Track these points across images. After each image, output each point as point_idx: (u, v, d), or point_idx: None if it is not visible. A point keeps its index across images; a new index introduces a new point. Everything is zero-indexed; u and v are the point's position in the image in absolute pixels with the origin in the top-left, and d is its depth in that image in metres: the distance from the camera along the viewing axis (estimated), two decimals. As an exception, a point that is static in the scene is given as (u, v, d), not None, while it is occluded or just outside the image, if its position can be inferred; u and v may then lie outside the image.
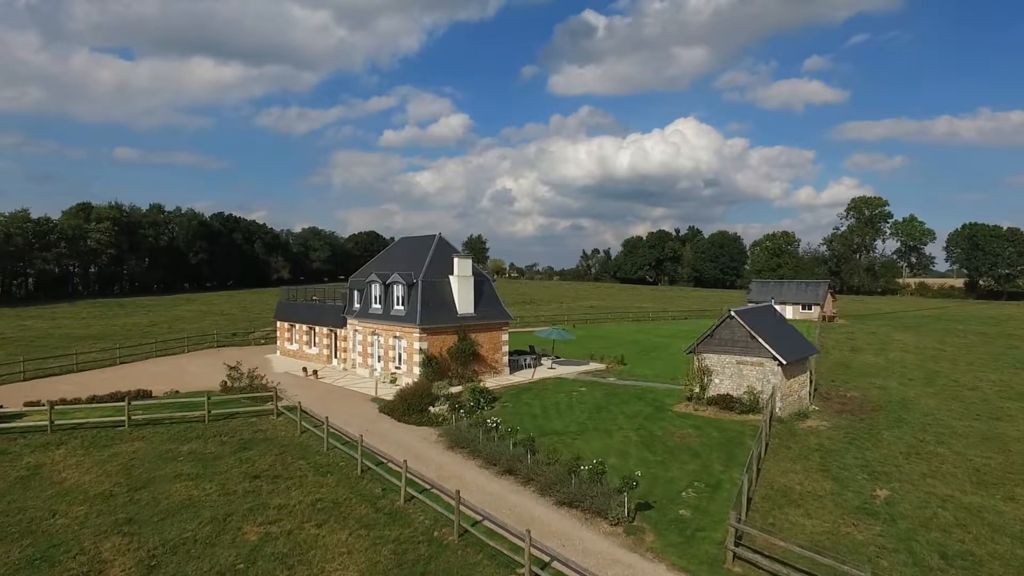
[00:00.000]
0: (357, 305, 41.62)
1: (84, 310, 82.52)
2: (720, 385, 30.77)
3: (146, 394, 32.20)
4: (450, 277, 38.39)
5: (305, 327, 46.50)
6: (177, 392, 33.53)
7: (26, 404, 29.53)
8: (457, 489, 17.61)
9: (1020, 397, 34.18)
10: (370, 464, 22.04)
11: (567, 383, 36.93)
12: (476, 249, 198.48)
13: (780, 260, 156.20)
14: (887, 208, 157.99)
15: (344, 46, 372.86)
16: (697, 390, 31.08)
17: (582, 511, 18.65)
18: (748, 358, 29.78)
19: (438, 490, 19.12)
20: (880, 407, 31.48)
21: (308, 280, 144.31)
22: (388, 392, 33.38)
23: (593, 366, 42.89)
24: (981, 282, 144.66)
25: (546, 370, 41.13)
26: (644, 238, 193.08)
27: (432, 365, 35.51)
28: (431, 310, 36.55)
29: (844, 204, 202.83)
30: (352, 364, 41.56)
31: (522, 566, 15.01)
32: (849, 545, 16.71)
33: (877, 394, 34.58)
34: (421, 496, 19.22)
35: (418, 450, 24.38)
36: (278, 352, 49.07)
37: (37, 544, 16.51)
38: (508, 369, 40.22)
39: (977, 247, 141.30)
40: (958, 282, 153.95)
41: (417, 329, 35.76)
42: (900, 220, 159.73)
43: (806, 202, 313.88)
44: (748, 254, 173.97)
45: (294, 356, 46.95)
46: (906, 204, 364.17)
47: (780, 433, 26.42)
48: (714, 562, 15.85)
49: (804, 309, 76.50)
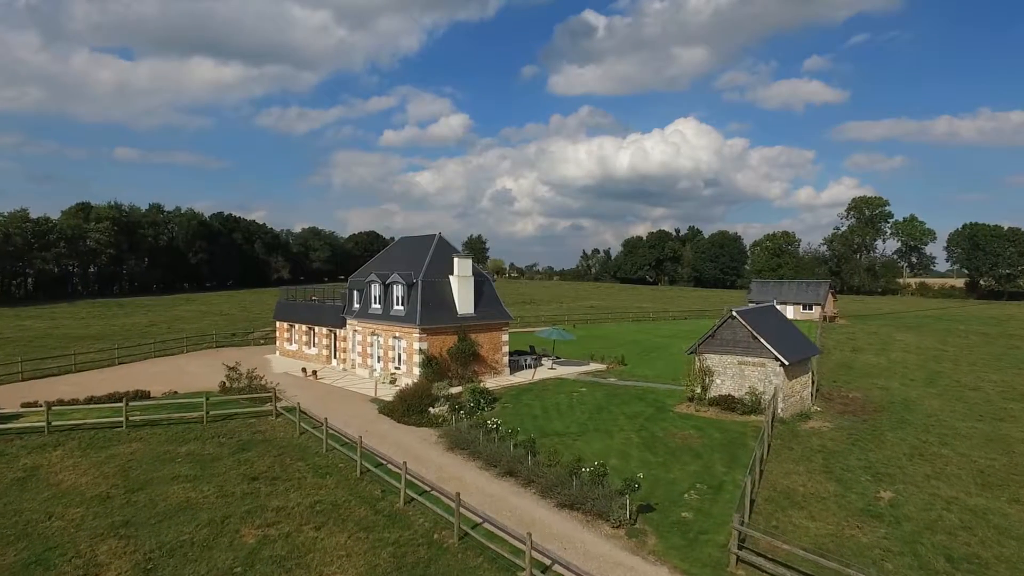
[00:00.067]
0: (356, 305, 41.44)
1: (83, 310, 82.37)
2: (722, 386, 30.60)
3: (144, 395, 32.06)
4: (450, 277, 38.21)
5: (304, 327, 46.33)
6: (176, 393, 33.37)
7: (23, 405, 29.35)
8: (457, 491, 17.43)
9: (1023, 398, 34.02)
10: (369, 466, 21.86)
11: (568, 384, 36.75)
12: (476, 249, 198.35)
13: (780, 260, 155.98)
14: (887, 208, 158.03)
15: (344, 46, 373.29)
16: (698, 391, 30.92)
17: (583, 513, 18.47)
18: (750, 358, 29.61)
19: (438, 492, 18.93)
20: (882, 408, 31.31)
21: (308, 280, 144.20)
22: (388, 393, 33.20)
23: (593, 366, 42.72)
24: (982, 282, 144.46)
25: (546, 370, 40.96)
26: (644, 238, 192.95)
27: (432, 366, 35.33)
28: (431, 310, 36.37)
29: (844, 204, 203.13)
30: (351, 364, 41.38)
31: (523, 569, 14.84)
32: (854, 548, 16.53)
33: (879, 395, 34.40)
34: (421, 498, 19.04)
35: (418, 451, 24.20)
36: (277, 352, 48.90)
37: (33, 547, 16.32)
38: (508, 369, 40.04)
39: (978, 247, 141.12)
40: (959, 282, 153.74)
41: (417, 329, 35.59)
42: (900, 220, 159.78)
43: (806, 202, 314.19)
44: (748, 254, 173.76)
45: (293, 356, 46.77)
46: (906, 204, 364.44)
47: (782, 434, 26.25)
48: (717, 565, 15.67)
49: (805, 309, 76.33)
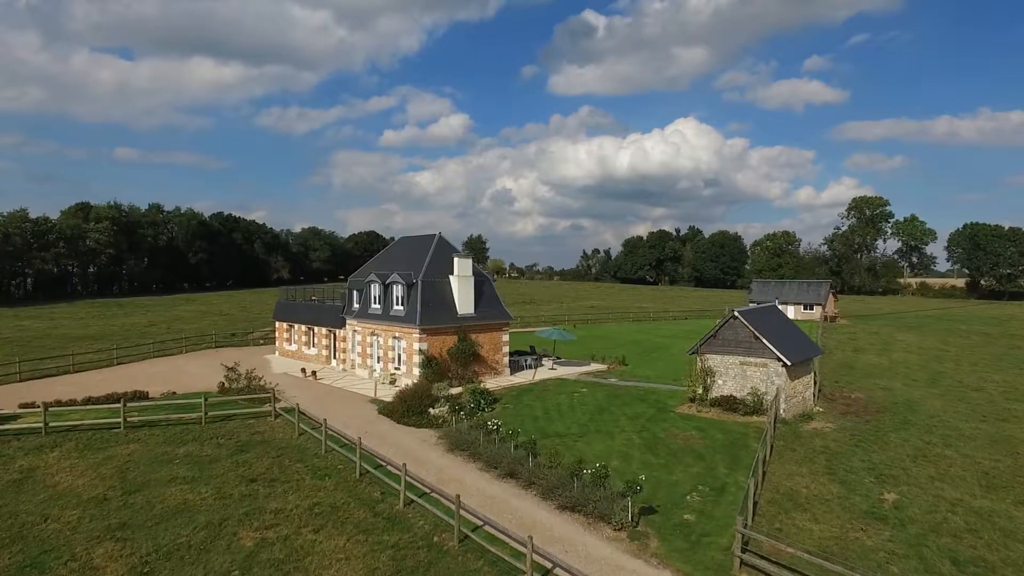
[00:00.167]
0: (356, 305, 41.26)
1: (83, 310, 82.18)
2: (723, 386, 30.42)
3: (143, 395, 31.89)
4: (450, 277, 38.02)
5: (304, 327, 46.15)
6: (174, 393, 33.20)
7: (21, 406, 29.16)
8: (457, 493, 17.26)
9: (1026, 398, 33.84)
10: (369, 467, 21.68)
11: (568, 384, 36.56)
12: (476, 249, 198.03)
13: (781, 260, 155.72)
14: (888, 208, 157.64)
15: (344, 46, 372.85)
16: (700, 391, 30.74)
17: (585, 516, 18.28)
18: (752, 359, 29.43)
19: (438, 494, 18.74)
20: (885, 408, 31.12)
21: (308, 280, 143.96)
22: (387, 393, 33.02)
23: (594, 367, 42.54)
24: (983, 282, 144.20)
25: (547, 371, 40.78)
26: (644, 238, 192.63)
27: (432, 366, 35.14)
28: (431, 310, 36.19)
29: (844, 204, 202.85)
30: (351, 365, 41.20)
31: (524, 573, 14.66)
32: (858, 551, 16.35)
33: (881, 395, 34.22)
34: (421, 500, 18.86)
35: (418, 453, 24.02)
36: (277, 353, 48.71)
37: (28, 550, 16.14)
38: (509, 370, 39.86)
39: (978, 247, 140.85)
40: (959, 282, 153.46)
41: (417, 329, 35.40)
42: (901, 220, 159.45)
43: (806, 202, 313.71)
44: (749, 254, 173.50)
45: (293, 357, 46.59)
46: (906, 204, 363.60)
47: (784, 435, 26.06)
48: (720, 568, 15.49)
49: (806, 309, 76.12)
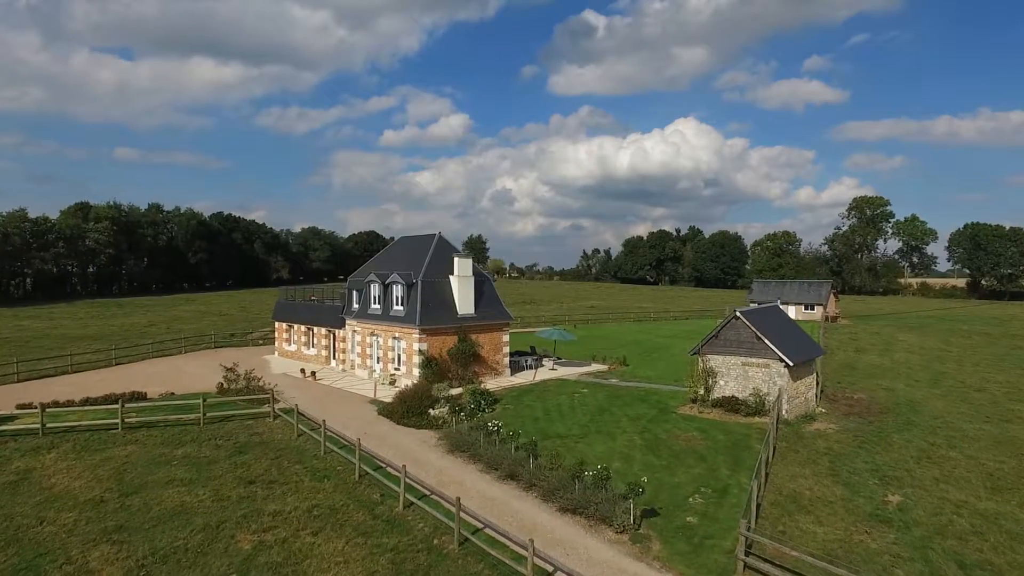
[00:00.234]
0: (356, 305, 41.08)
1: (82, 310, 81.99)
2: (725, 387, 30.24)
3: (141, 396, 31.70)
4: (450, 277, 37.83)
5: (303, 328, 45.97)
6: (173, 394, 33.02)
7: (18, 406, 29.00)
8: (457, 496, 17.08)
9: (1029, 399, 33.65)
10: (368, 469, 21.48)
11: (569, 384, 36.38)
12: (476, 249, 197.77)
13: (781, 260, 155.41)
14: (889, 208, 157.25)
15: (344, 46, 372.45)
16: (702, 392, 30.55)
17: (586, 518, 18.10)
18: (754, 359, 29.24)
19: (438, 496, 18.58)
20: (888, 409, 30.93)
21: (308, 280, 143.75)
22: (387, 394, 32.83)
23: (595, 367, 42.35)
24: (983, 282, 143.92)
25: (547, 371, 40.59)
26: (644, 238, 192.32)
27: (432, 366, 34.96)
28: (431, 310, 36.00)
29: (844, 204, 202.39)
30: (351, 365, 41.01)
31: (525, 577, 14.48)
32: (863, 554, 16.16)
33: (884, 396, 34.03)
34: (420, 502, 18.69)
35: (417, 454, 23.84)
36: (276, 353, 48.52)
37: (23, 553, 15.95)
38: (509, 370, 39.67)
39: (979, 247, 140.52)
40: (960, 282, 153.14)
41: (416, 330, 35.22)
42: (902, 220, 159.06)
43: (806, 202, 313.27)
44: (749, 254, 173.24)
45: (292, 357, 46.41)
46: (906, 204, 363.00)
47: (787, 436, 25.87)
48: (724, 572, 15.31)
49: (807, 309, 75.84)
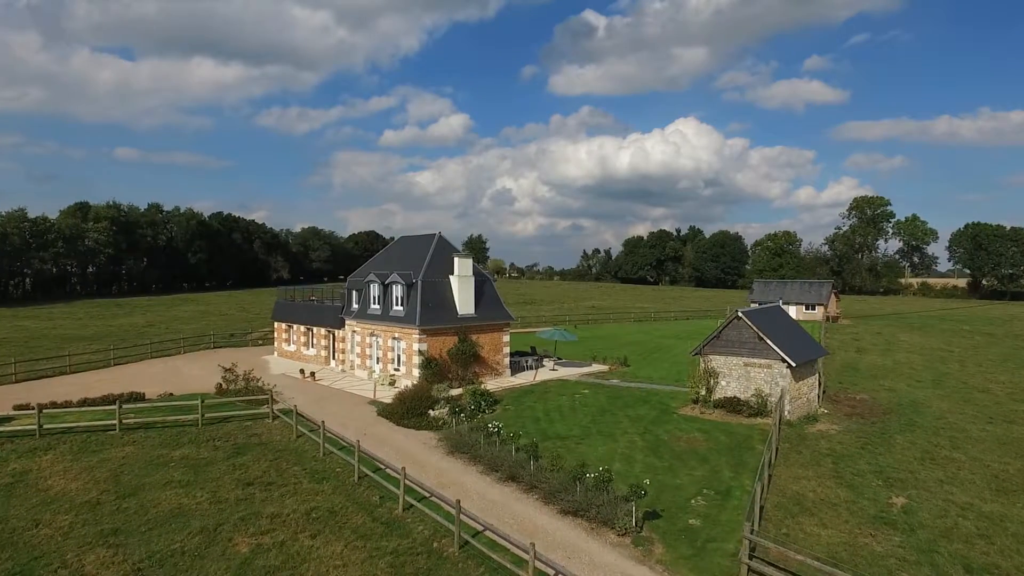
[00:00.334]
0: (355, 306, 40.88)
1: (81, 310, 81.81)
2: (727, 388, 30.04)
3: (139, 396, 31.50)
4: (450, 277, 37.64)
5: (303, 328, 45.77)
6: (171, 395, 32.83)
7: (16, 407, 28.89)
8: (458, 498, 16.90)
9: (1033, 399, 33.45)
10: (367, 470, 21.28)
11: (570, 385, 36.18)
12: (476, 249, 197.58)
13: (782, 260, 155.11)
14: (889, 208, 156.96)
15: (344, 46, 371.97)
16: (703, 393, 30.36)
17: (588, 521, 17.90)
18: (756, 360, 29.05)
19: (438, 498, 18.39)
20: (890, 410, 30.73)
21: (308, 280, 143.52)
22: (387, 395, 32.64)
23: (596, 367, 42.16)
24: (984, 282, 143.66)
25: (548, 372, 40.39)
26: (645, 238, 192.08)
27: (432, 367, 34.76)
28: (431, 311, 35.80)
29: (844, 204, 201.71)
30: (350, 366, 40.81)
31: (526, 581, 14.29)
32: (868, 557, 15.96)
33: (886, 396, 33.83)
34: (420, 504, 18.48)
35: (417, 455, 23.65)
36: (275, 353, 48.32)
37: (17, 557, 15.76)
38: (509, 371, 39.48)
39: (980, 247, 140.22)
40: (960, 282, 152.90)
41: (416, 330, 35.02)
42: (902, 220, 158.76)
43: (806, 202, 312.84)
44: (749, 254, 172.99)
45: (291, 357, 46.21)
46: (906, 204, 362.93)
47: (789, 437, 25.68)
48: (727, 576, 15.13)
49: (808, 309, 75.63)
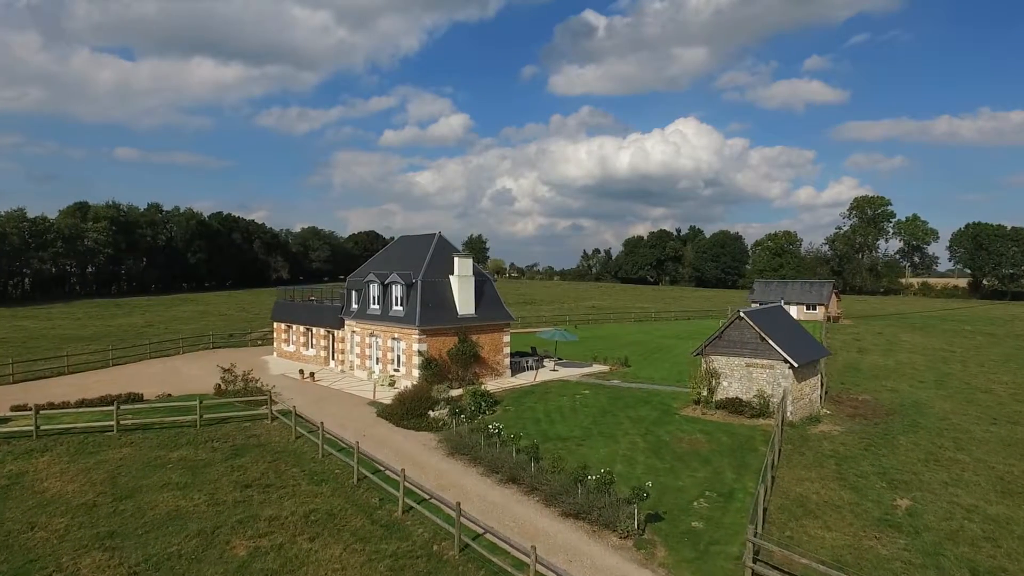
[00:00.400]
0: (355, 306, 40.68)
1: (80, 310, 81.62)
2: (729, 388, 29.84)
3: (137, 397, 31.27)
4: (450, 277, 37.44)
5: (302, 328, 45.57)
6: (170, 395, 32.63)
7: (13, 408, 28.72)
8: (458, 501, 16.69)
9: (1036, 400, 33.25)
10: (367, 472, 21.09)
11: (570, 386, 35.98)
12: (476, 249, 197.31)
13: (782, 260, 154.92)
14: (890, 207, 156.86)
15: (344, 46, 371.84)
16: (705, 393, 30.15)
17: (589, 523, 17.71)
18: (758, 360, 28.86)
19: (438, 500, 18.20)
20: (893, 411, 30.54)
21: (308, 280, 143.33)
22: (386, 395, 32.45)
23: (596, 368, 41.96)
24: (985, 282, 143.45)
25: (548, 372, 40.19)
26: (645, 238, 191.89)
27: (431, 367, 34.56)
28: (430, 311, 35.61)
29: (844, 204, 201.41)
30: (350, 366, 40.62)
31: (527, 585, 14.10)
32: (873, 560, 15.77)
33: (889, 397, 33.63)
34: (420, 507, 18.28)
35: (417, 457, 23.46)
36: (275, 354, 48.12)
37: (12, 560, 15.56)
38: (510, 371, 39.28)
39: (981, 247, 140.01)
40: (961, 282, 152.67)
41: (416, 330, 34.83)
42: (903, 220, 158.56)
43: (806, 202, 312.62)
44: (750, 254, 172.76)
45: (291, 358, 46.01)
46: (906, 204, 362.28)
47: (792, 438, 25.49)
48: (731, 579, 14.93)
49: (808, 309, 75.41)
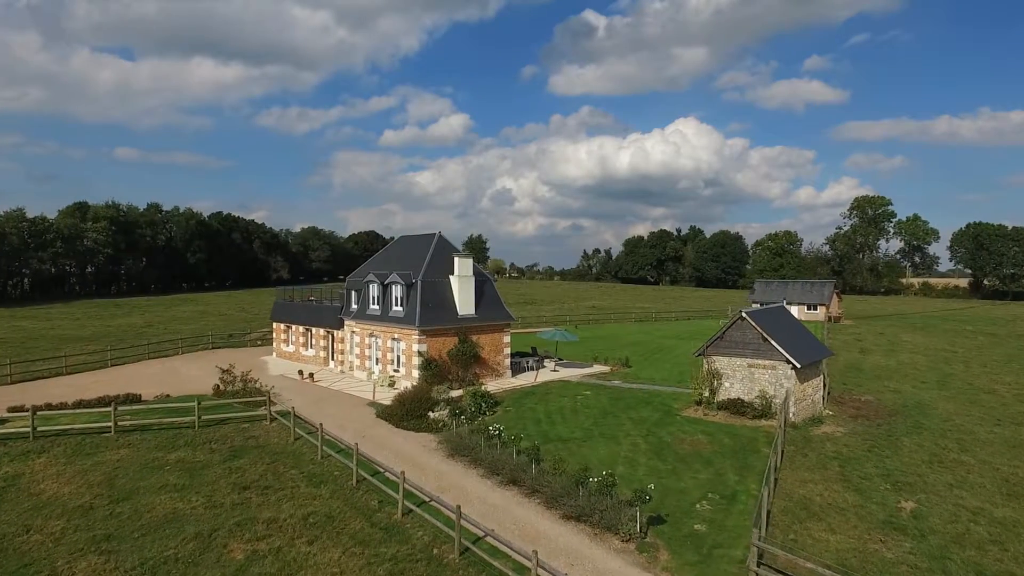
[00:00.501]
0: (355, 306, 40.48)
1: (80, 310, 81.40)
2: (730, 389, 29.65)
3: (135, 398, 31.06)
4: (450, 277, 37.25)
5: (302, 328, 45.38)
6: (168, 396, 32.43)
7: (10, 409, 28.51)
8: (458, 504, 16.49)
9: (1040, 401, 33.05)
10: (366, 474, 20.92)
11: (571, 386, 35.78)
12: (476, 249, 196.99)
13: (782, 260, 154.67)
14: (890, 207, 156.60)
15: (344, 46, 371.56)
16: (707, 394, 29.96)
17: (591, 526, 17.52)
18: (760, 361, 28.65)
19: (438, 503, 17.98)
20: (896, 412, 30.35)
21: (308, 280, 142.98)
22: (386, 396, 32.26)
23: (597, 368, 41.77)
24: (986, 282, 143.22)
25: (549, 372, 39.99)
26: (645, 238, 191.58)
27: (431, 368, 34.36)
28: (430, 311, 35.42)
29: (844, 204, 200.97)
30: (349, 367, 40.42)
31: (528, 589, 13.90)
32: (879, 564, 15.57)
33: (891, 398, 33.44)
34: (419, 509, 18.10)
35: (417, 458, 23.27)
36: (274, 354, 47.93)
37: (6, 564, 15.36)
38: (510, 372, 39.09)
39: (982, 247, 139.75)
40: (962, 282, 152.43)
41: (416, 331, 34.63)
42: (904, 220, 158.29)
43: (806, 202, 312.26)
44: (750, 254, 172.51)
45: (290, 358, 45.81)
46: (907, 204, 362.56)
47: (795, 440, 25.29)
48: (735, 583, 14.74)
49: (809, 310, 75.19)
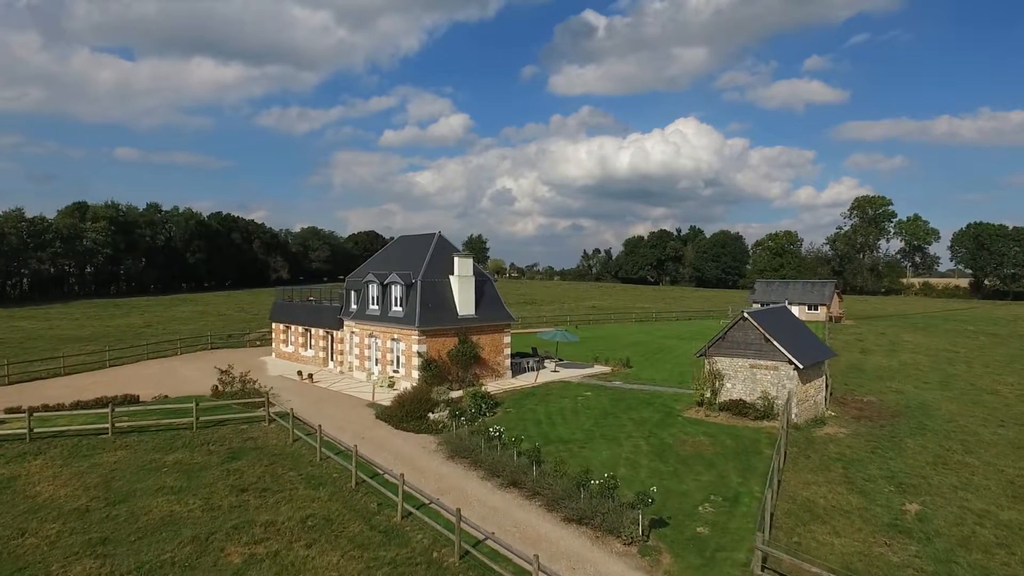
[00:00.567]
0: (354, 306, 40.29)
1: (79, 310, 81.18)
2: (732, 390, 29.46)
3: (133, 399, 30.87)
4: (450, 277, 37.06)
5: (301, 329, 45.19)
6: (166, 397, 32.24)
7: (7, 410, 28.33)
8: (458, 507, 16.29)
9: (1043, 402, 32.86)
10: (365, 476, 20.72)
11: (572, 387, 35.60)
12: (476, 249, 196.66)
13: (783, 260, 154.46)
14: (891, 207, 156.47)
15: (344, 46, 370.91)
16: (708, 395, 29.77)
17: (592, 529, 17.32)
18: (762, 362, 28.47)
19: (437, 505, 17.78)
20: (899, 412, 30.16)
21: (307, 280, 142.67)
22: (385, 397, 32.07)
23: (598, 369, 41.58)
24: (987, 282, 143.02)
25: (550, 373, 39.80)
26: (645, 238, 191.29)
27: (431, 368, 34.17)
28: (430, 311, 35.23)
29: (844, 204, 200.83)
30: (349, 367, 40.23)
31: (529, 594, 13.71)
32: (884, 568, 15.38)
33: (894, 398, 33.26)
34: (419, 512, 17.91)
35: (416, 460, 23.08)
36: (273, 355, 47.73)
37: (1, 568, 15.16)
38: (510, 372, 38.90)
39: (983, 247, 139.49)
40: (963, 282, 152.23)
41: (416, 331, 34.44)
42: (904, 220, 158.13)
43: (806, 202, 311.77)
44: (750, 254, 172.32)
45: (289, 359, 45.62)
46: (907, 204, 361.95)
47: (797, 441, 25.11)
48: (738, 588, 14.55)
49: (810, 310, 74.97)
